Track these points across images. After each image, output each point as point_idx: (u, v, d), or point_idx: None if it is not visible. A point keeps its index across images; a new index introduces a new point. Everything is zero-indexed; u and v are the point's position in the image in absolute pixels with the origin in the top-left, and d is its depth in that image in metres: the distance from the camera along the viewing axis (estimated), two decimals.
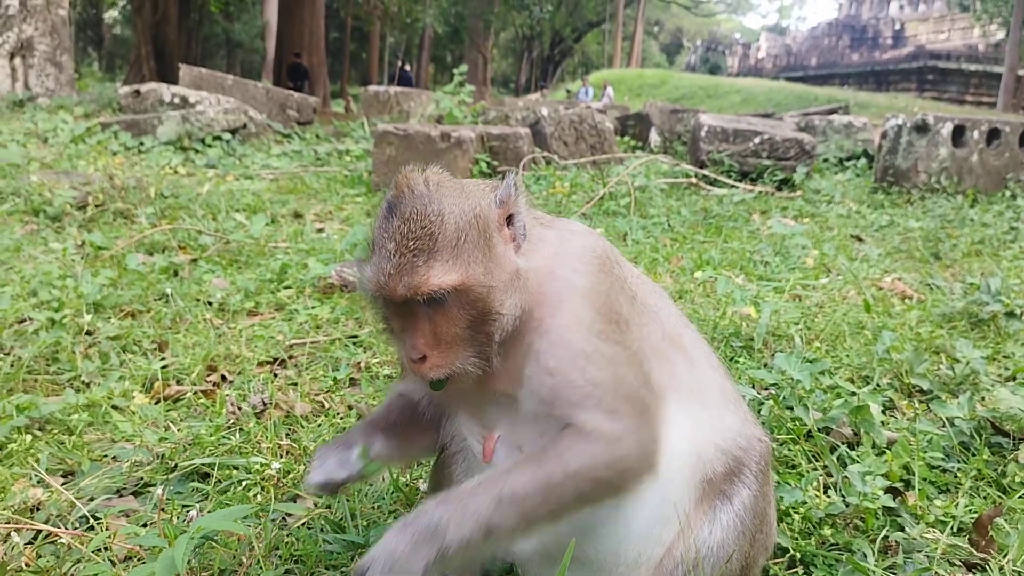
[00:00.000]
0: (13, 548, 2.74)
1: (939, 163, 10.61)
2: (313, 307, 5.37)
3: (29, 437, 3.49)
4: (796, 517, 2.84)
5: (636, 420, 2.12)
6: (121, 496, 3.13)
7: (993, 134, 10.87)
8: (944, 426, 3.62)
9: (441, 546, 1.96)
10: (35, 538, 2.90)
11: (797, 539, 2.80)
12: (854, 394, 3.77)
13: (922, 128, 10.69)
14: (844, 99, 37.71)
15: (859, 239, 8.19)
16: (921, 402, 3.94)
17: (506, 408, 2.25)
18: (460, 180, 2.25)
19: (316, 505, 3.06)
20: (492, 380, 2.23)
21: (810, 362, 3.87)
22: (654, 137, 14.45)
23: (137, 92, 14.96)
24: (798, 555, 2.74)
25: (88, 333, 4.80)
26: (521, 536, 2.07)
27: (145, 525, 2.90)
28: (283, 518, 2.97)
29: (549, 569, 2.41)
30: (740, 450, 2.40)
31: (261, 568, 2.62)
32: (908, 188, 10.58)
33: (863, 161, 12.98)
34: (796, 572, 2.73)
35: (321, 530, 2.88)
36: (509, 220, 2.22)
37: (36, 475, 3.25)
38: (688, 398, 2.33)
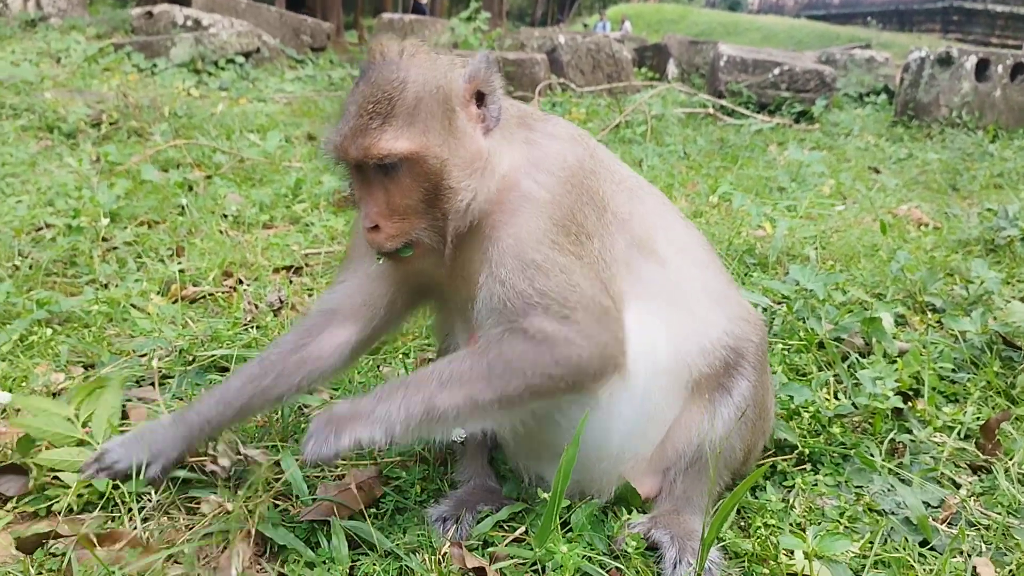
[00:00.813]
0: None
1: (961, 97, 10.43)
2: (328, 219, 5.38)
3: (49, 331, 3.54)
4: (805, 416, 2.87)
5: (592, 325, 2.12)
6: (140, 386, 3.19)
7: (1018, 69, 10.65)
8: (956, 341, 3.63)
9: (387, 425, 2.05)
10: None
11: (805, 437, 2.84)
12: (865, 309, 3.78)
13: (945, 61, 10.48)
14: (866, 38, 36.87)
15: (876, 171, 8.11)
16: (933, 318, 3.94)
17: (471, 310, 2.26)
18: (439, 54, 2.24)
19: (331, 397, 3.12)
20: (454, 280, 2.27)
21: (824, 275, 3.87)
22: (672, 68, 14.23)
23: (150, 14, 14.76)
24: (806, 452, 2.78)
25: (105, 239, 4.83)
26: (471, 419, 2.11)
27: (166, 413, 2.96)
28: (300, 408, 3.03)
29: (534, 462, 2.49)
30: (727, 348, 2.41)
31: (278, 451, 2.67)
32: (928, 122, 10.42)
33: (883, 97, 12.77)
34: (804, 468, 2.77)
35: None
36: (481, 99, 2.20)
37: (58, 363, 3.31)
38: (659, 303, 2.33)
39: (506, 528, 2.41)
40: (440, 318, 2.61)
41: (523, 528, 2.39)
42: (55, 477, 2.46)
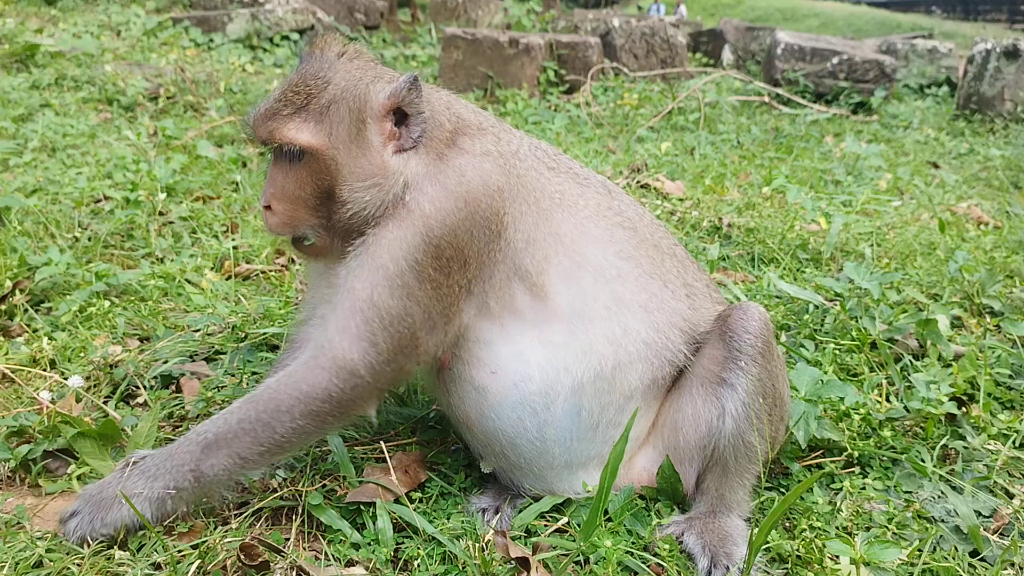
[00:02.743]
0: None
1: None
2: None
3: (107, 303, 3.63)
4: (855, 418, 2.83)
5: (390, 355, 2.15)
6: (194, 361, 3.25)
7: None
8: (1014, 346, 3.54)
9: (156, 503, 2.13)
10: (113, 393, 3.04)
11: (855, 439, 2.80)
12: (921, 310, 3.70)
13: (1012, 54, 10.17)
14: (929, 27, 35.95)
15: (935, 165, 7.91)
16: (992, 322, 3.85)
17: None
18: (380, 66, 2.32)
19: None
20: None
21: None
22: (727, 55, 14.01)
23: None
24: (855, 454, 2.75)
25: (161, 214, 4.92)
26: (244, 474, 2.20)
27: (218, 388, 3.03)
28: None
29: (515, 475, 2.49)
30: (659, 353, 2.42)
31: None
32: (991, 117, 10.13)
33: (945, 89, 12.42)
34: (853, 471, 2.74)
35: (384, 401, 2.96)
36: (404, 119, 2.23)
37: (115, 335, 3.39)
38: (558, 326, 2.31)
39: (548, 518, 2.42)
40: None
41: (565, 519, 2.40)
42: (91, 471, 2.54)
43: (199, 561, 2.04)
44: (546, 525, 2.39)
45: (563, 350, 2.31)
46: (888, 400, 3.09)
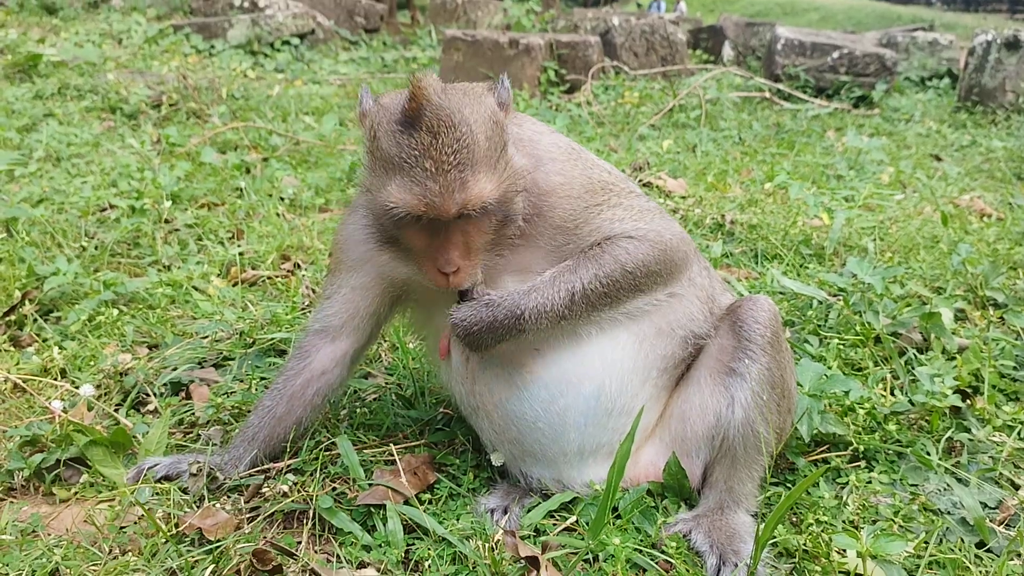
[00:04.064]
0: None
1: None
2: None
3: (115, 311, 3.66)
4: (860, 412, 2.84)
5: (664, 220, 2.43)
6: (203, 367, 3.28)
7: None
8: (1018, 337, 3.56)
9: (520, 324, 2.23)
10: (124, 400, 3.07)
11: (860, 433, 2.82)
12: (924, 303, 3.71)
13: (1013, 45, 10.15)
14: (929, 19, 35.89)
15: (938, 158, 7.91)
16: (995, 314, 3.86)
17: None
18: (455, 85, 2.28)
19: (386, 383, 3.17)
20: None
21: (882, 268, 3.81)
22: (727, 51, 14.01)
23: None
24: (861, 448, 2.76)
25: (167, 221, 4.95)
26: (583, 322, 2.32)
27: (227, 394, 3.05)
28: (355, 391, 3.09)
29: (528, 465, 2.53)
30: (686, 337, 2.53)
31: (331, 434, 2.73)
32: (993, 108, 10.12)
33: (946, 81, 12.41)
34: (858, 465, 2.75)
35: (392, 404, 2.99)
36: None
37: (124, 344, 3.43)
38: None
39: (557, 517, 2.44)
40: (420, 315, 2.65)
41: (573, 518, 2.42)
42: (103, 478, 2.57)
43: (213, 566, 2.06)
44: (555, 524, 2.41)
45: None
46: (893, 394, 3.11)
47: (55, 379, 3.18)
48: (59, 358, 3.25)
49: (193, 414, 2.97)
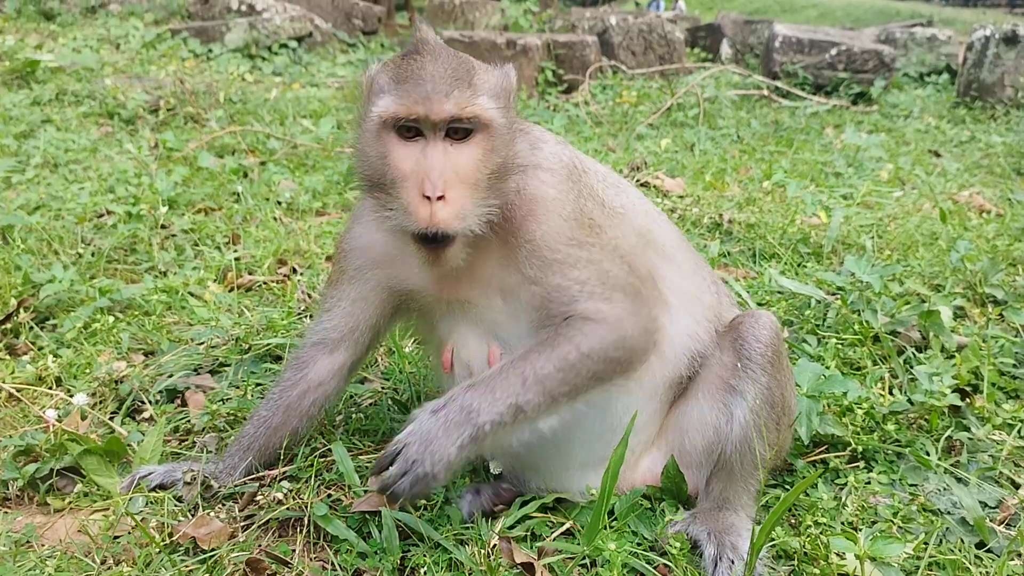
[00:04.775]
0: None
1: None
2: None
3: (111, 319, 3.65)
4: (859, 412, 2.83)
5: (631, 304, 2.20)
6: (198, 374, 3.27)
7: None
8: (1018, 335, 3.54)
9: (475, 427, 2.01)
10: (119, 408, 3.06)
11: (859, 434, 2.80)
12: (923, 301, 3.70)
13: (1011, 40, 10.13)
14: (928, 14, 35.79)
15: (937, 154, 7.89)
16: (994, 311, 3.84)
17: (463, 316, 2.31)
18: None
19: (382, 388, 3.16)
20: (458, 287, 2.27)
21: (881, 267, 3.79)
22: (725, 49, 13.99)
23: None
24: (859, 449, 2.75)
25: (163, 227, 4.94)
26: (544, 414, 2.12)
27: (222, 401, 3.04)
28: (351, 396, 3.07)
29: (530, 474, 2.52)
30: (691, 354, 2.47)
31: (327, 440, 2.72)
32: (992, 103, 10.10)
33: (945, 76, 12.39)
34: (857, 466, 2.74)
35: (388, 409, 2.98)
36: None
37: (119, 351, 3.41)
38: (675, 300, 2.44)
39: (553, 523, 2.43)
40: (422, 326, 2.57)
41: (569, 523, 2.41)
42: (97, 487, 2.56)
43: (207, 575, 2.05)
44: (551, 528, 2.39)
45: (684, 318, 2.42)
46: (891, 393, 3.09)
47: (50, 388, 3.17)
48: (54, 366, 3.24)
49: (189, 421, 2.95)
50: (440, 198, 1.99)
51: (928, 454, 2.74)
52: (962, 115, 9.86)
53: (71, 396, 3.05)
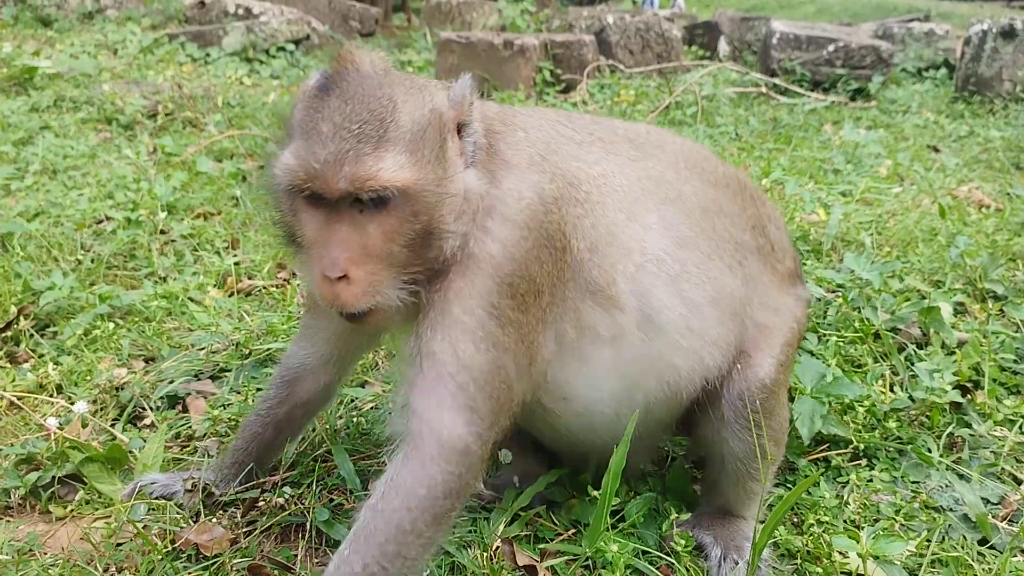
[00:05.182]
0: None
1: None
2: None
3: (111, 325, 3.65)
4: (860, 410, 2.83)
5: (492, 418, 1.87)
6: (199, 379, 3.27)
7: None
8: (1018, 330, 3.54)
9: None
10: (120, 415, 3.06)
11: (860, 432, 2.80)
12: (923, 298, 3.69)
13: (1009, 34, 10.12)
14: (925, 8, 35.75)
15: (935, 149, 7.88)
16: (995, 306, 3.83)
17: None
18: (406, 74, 1.97)
19: (383, 391, 3.16)
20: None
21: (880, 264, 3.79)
22: (723, 46, 13.98)
23: (202, 3, 14.97)
24: (861, 447, 2.75)
25: (163, 232, 4.94)
26: None
27: (223, 406, 3.04)
28: (351, 400, 3.07)
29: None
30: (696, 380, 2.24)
31: (328, 444, 2.72)
32: (991, 98, 10.08)
33: (943, 71, 12.37)
34: (859, 464, 2.74)
35: (389, 413, 2.97)
36: (460, 130, 1.92)
37: (120, 357, 3.41)
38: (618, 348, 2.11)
39: (556, 523, 2.43)
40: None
41: (571, 530, 2.41)
42: (99, 495, 2.56)
43: None
44: (555, 531, 2.39)
45: (636, 366, 2.13)
46: (892, 390, 3.09)
47: (51, 395, 3.17)
48: (54, 374, 3.24)
49: (190, 427, 2.96)
50: (343, 278, 1.75)
51: (930, 451, 2.75)
52: (960, 110, 9.85)
53: (72, 404, 3.04)
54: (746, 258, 2.31)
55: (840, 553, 2.21)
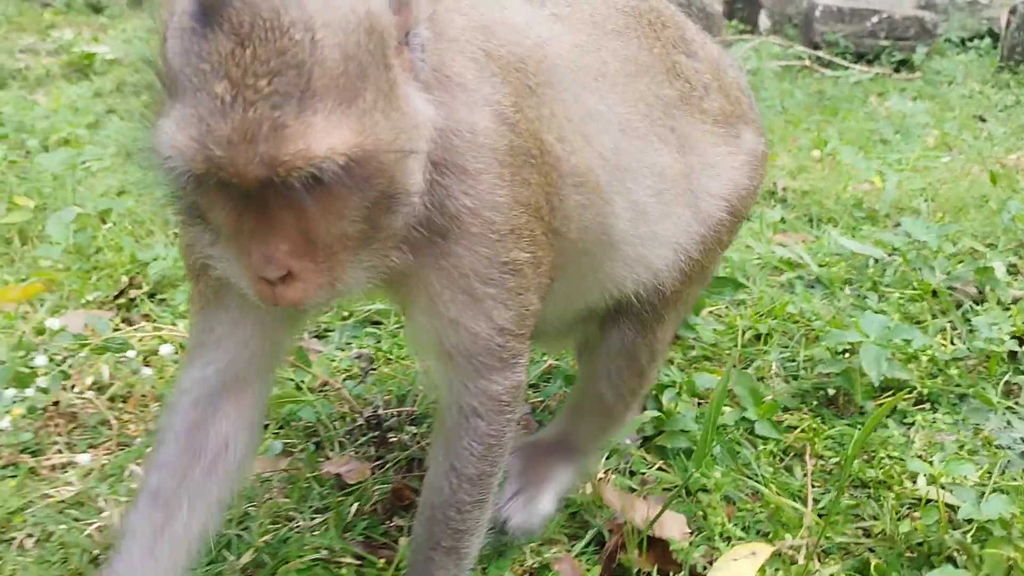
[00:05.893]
0: None
1: None
2: None
3: None
4: (923, 359, 3.05)
5: (526, 344, 1.78)
6: (306, 338, 3.57)
7: None
8: None
9: None
10: None
11: (924, 379, 3.03)
12: (977, 259, 3.89)
13: None
14: None
15: (982, 119, 7.97)
16: None
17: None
18: None
19: None
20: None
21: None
22: (764, 20, 14.02)
23: None
24: (924, 392, 2.98)
25: None
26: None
27: (331, 361, 3.34)
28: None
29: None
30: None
31: None
32: None
33: (987, 41, 12.33)
34: (923, 408, 2.97)
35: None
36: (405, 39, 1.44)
37: None
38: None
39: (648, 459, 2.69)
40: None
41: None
42: None
43: (356, 504, 2.35)
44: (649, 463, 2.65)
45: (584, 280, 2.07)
46: (952, 343, 3.31)
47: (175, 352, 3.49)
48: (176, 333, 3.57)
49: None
50: (286, 277, 1.34)
51: (989, 395, 2.97)
52: (1006, 79, 9.87)
53: None
54: (674, 118, 2.08)
55: (911, 480, 2.45)
